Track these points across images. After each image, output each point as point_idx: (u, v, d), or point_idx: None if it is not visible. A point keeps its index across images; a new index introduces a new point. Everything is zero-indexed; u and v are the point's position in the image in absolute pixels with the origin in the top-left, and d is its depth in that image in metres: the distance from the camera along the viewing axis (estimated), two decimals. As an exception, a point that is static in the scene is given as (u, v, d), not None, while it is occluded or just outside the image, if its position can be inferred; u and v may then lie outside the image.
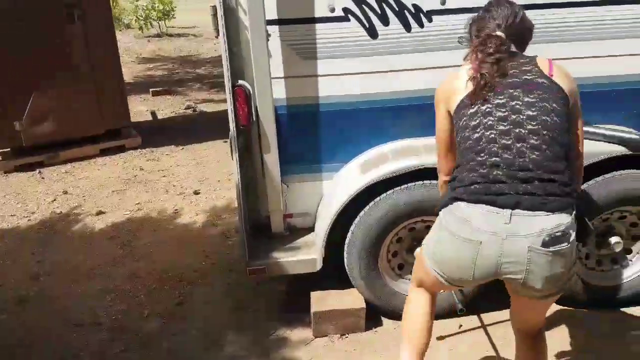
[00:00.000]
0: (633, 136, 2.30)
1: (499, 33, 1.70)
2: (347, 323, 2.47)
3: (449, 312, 2.45)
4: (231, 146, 2.34)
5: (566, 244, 1.46)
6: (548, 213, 1.47)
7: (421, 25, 2.27)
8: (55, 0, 4.19)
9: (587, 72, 2.37)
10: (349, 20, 2.25)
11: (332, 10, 2.22)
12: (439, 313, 2.42)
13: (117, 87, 4.60)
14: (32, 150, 4.40)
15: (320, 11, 2.22)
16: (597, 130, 2.38)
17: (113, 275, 2.99)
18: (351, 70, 2.33)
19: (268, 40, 2.19)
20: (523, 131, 1.55)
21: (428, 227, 2.22)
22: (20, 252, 3.25)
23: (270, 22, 2.19)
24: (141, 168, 4.38)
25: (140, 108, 5.93)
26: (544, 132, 1.54)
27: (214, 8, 2.28)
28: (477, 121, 1.60)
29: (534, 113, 1.56)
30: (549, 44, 2.30)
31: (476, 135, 1.59)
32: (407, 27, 2.27)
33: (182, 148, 4.77)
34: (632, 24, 2.32)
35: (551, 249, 1.45)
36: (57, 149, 4.45)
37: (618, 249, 2.52)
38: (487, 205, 1.51)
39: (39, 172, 4.33)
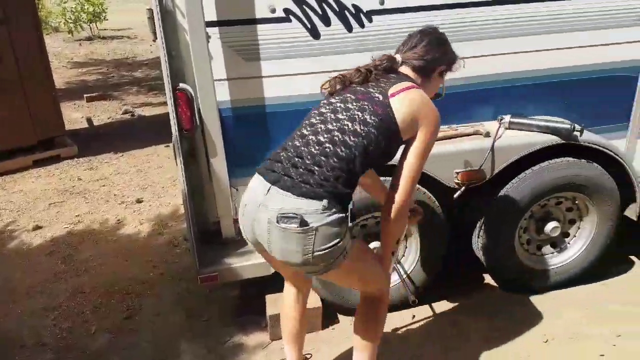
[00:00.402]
0: (565, 125, 2.44)
1: (395, 55, 1.87)
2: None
3: (403, 304, 2.51)
4: (174, 151, 2.28)
5: (295, 225, 1.56)
6: (295, 196, 1.60)
7: (362, 25, 2.30)
8: (-25, 4, 3.94)
9: (522, 67, 2.49)
10: (290, 21, 2.24)
11: (273, 11, 2.20)
12: (395, 304, 2.51)
13: (48, 94, 4.37)
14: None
15: (260, 12, 2.20)
16: (531, 122, 2.51)
17: (55, 292, 2.84)
18: (295, 71, 2.32)
19: (208, 42, 2.15)
20: (322, 127, 1.71)
21: (378, 222, 2.28)
22: (-51, 275, 3.02)
23: (210, 24, 2.14)
24: (79, 178, 4.19)
25: (74, 115, 5.67)
26: (336, 134, 1.67)
27: (150, 11, 2.20)
28: (310, 113, 1.81)
29: (342, 117, 1.71)
30: (483, 40, 2.41)
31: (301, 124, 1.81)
32: (349, 28, 2.30)
33: (122, 155, 4.60)
34: (558, 20, 2.47)
35: (281, 225, 1.59)
36: (-16, 162, 4.16)
37: (555, 233, 2.67)
38: (261, 176, 1.71)
39: (-34, 187, 4.04)
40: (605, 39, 2.52)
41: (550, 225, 2.64)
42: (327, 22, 2.27)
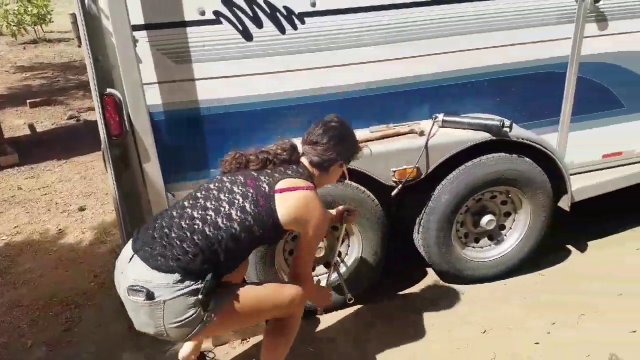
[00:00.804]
0: (494, 122, 2.51)
1: (297, 144, 1.97)
2: (246, 327, 2.46)
3: (342, 304, 2.53)
4: (104, 158, 2.23)
5: (142, 298, 1.62)
6: (149, 268, 1.65)
7: (294, 27, 2.30)
8: None
9: (456, 66, 2.55)
10: (221, 23, 2.22)
11: (202, 13, 2.18)
12: (337, 302, 2.53)
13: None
14: None
15: (189, 14, 2.17)
16: (463, 120, 2.57)
17: (-11, 307, 2.74)
18: (229, 73, 2.30)
19: (135, 46, 2.10)
20: (201, 204, 1.77)
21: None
22: None
23: (137, 28, 2.10)
24: (19, 187, 4.05)
25: (16, 122, 5.47)
26: (210, 213, 1.73)
27: (74, 15, 2.15)
28: (200, 186, 1.89)
29: (224, 198, 1.77)
30: (416, 41, 2.45)
31: None
32: (281, 29, 2.29)
33: (65, 162, 4.45)
34: (485, 20, 2.52)
35: (130, 297, 1.65)
36: None
37: (491, 226, 2.75)
38: (132, 241, 1.77)
39: None
40: (529, 37, 2.60)
41: (485, 219, 2.73)
42: (259, 24, 2.26)
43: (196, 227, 1.69)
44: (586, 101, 2.84)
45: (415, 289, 2.79)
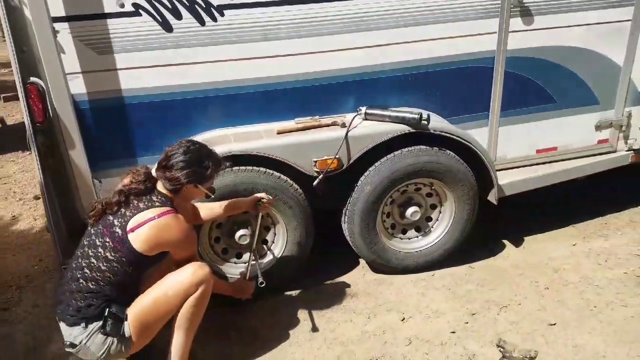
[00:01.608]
0: (412, 115, 2.58)
1: (151, 170, 2.09)
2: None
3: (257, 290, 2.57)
4: (29, 145, 2.33)
5: (71, 349, 1.98)
6: (66, 326, 1.97)
7: (214, 19, 2.39)
8: None
9: (381, 60, 2.62)
10: (140, 15, 2.31)
11: (122, 5, 2.27)
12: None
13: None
14: None
15: (109, 7, 2.26)
16: (384, 112, 2.64)
17: None
18: (151, 63, 2.39)
19: (56, 37, 2.20)
20: (79, 263, 1.99)
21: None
22: None
23: (57, 19, 2.20)
24: (-20, 176, 4.18)
25: (-16, 113, 5.61)
26: (86, 271, 1.96)
27: (-5, 7, 2.25)
28: (81, 242, 2.06)
29: (92, 253, 1.97)
30: (338, 35, 2.51)
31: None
32: (201, 21, 2.38)
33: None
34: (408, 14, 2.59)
35: (67, 350, 2.00)
36: None
37: (416, 217, 2.82)
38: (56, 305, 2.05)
39: None
40: (455, 32, 2.67)
41: (410, 210, 2.80)
42: (178, 15, 2.35)
43: (82, 285, 1.96)
44: (516, 96, 2.91)
45: (344, 277, 2.87)
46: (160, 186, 2.06)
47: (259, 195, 2.38)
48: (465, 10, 2.65)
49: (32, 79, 2.26)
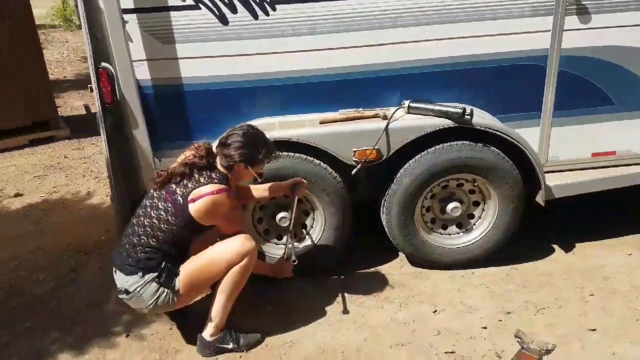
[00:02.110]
0: (456, 109, 2.59)
1: (213, 146, 2.30)
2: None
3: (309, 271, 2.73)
4: (98, 123, 2.60)
5: (125, 295, 2.22)
6: (123, 275, 2.21)
7: (266, 13, 2.54)
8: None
9: (429, 55, 2.64)
10: (200, 8, 2.50)
11: (184, -1, 2.49)
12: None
13: (42, 82, 4.86)
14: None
15: (173, 0, 2.49)
16: (427, 106, 2.67)
17: (20, 247, 3.25)
18: (208, 54, 2.58)
19: (124, 27, 2.45)
20: (142, 221, 2.22)
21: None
22: (-63, 229, 3.50)
23: (127, 11, 2.44)
24: (65, 156, 4.65)
25: (77, 103, 6.18)
26: (148, 229, 2.19)
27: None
28: (142, 202, 2.32)
29: (154, 214, 2.20)
30: (393, 29, 2.57)
31: None
32: (254, 15, 2.54)
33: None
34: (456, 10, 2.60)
35: (119, 296, 2.25)
36: (-13, 140, 4.70)
37: (456, 213, 2.82)
38: (113, 257, 2.32)
39: (-30, 160, 4.58)
40: (507, 29, 2.64)
41: (451, 206, 2.80)
42: (233, 9, 2.53)
43: (143, 240, 2.19)
44: (570, 96, 2.82)
45: (381, 267, 2.92)
46: (219, 165, 2.26)
47: (296, 179, 2.51)
48: (518, 7, 2.62)
49: (103, 64, 2.53)
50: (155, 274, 2.16)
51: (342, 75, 2.66)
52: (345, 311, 2.55)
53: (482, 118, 2.67)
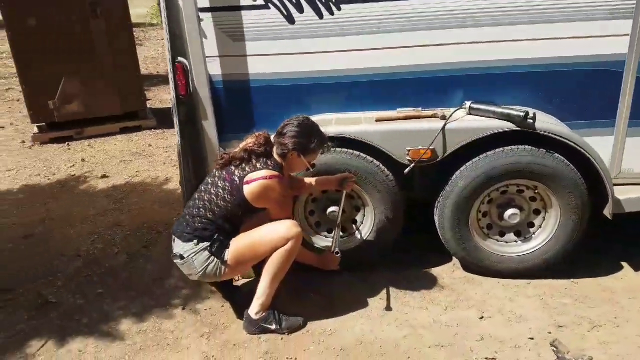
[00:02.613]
0: (518, 112, 2.53)
1: (271, 136, 2.44)
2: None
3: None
4: (172, 113, 2.83)
5: (179, 260, 2.41)
6: (181, 242, 2.41)
7: (331, 12, 2.63)
8: (81, -1, 4.95)
9: (495, 56, 2.61)
10: (269, 7, 2.64)
11: (255, -1, 2.65)
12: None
13: (133, 75, 5.30)
14: (64, 125, 5.19)
15: (245, 0, 2.66)
16: (488, 108, 2.62)
17: (100, 223, 3.59)
18: (274, 51, 2.71)
19: (200, 24, 2.65)
20: (203, 196, 2.42)
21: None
22: (35, 202, 3.96)
23: (203, 9, 2.64)
24: (150, 145, 5.05)
25: (165, 97, 6.66)
26: (206, 203, 2.39)
27: (158, -1, 2.77)
28: (206, 179, 2.53)
29: (213, 190, 2.40)
30: (459, 29, 2.56)
31: None
32: (319, 14, 2.64)
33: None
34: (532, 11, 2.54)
35: (174, 261, 2.45)
36: (83, 126, 5.22)
37: (514, 220, 2.73)
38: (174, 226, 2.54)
39: (68, 144, 5.12)
40: (581, 32, 2.54)
41: (508, 212, 2.72)
42: (300, 9, 2.64)
43: (202, 212, 2.39)
44: (649, 105, 2.65)
45: (432, 269, 2.91)
46: (275, 153, 2.40)
47: (344, 174, 2.59)
48: (595, 9, 2.51)
49: (180, 58, 2.74)
50: (208, 243, 2.34)
51: (402, 74, 2.68)
52: (388, 308, 2.57)
53: (546, 123, 2.58)
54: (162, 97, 6.60)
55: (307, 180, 2.66)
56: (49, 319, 2.62)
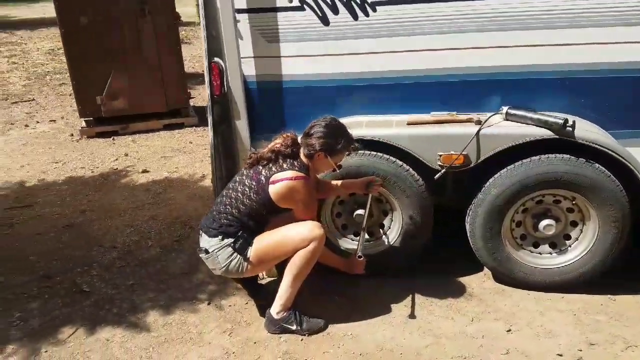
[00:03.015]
0: (556, 120, 2.43)
1: (298, 138, 2.46)
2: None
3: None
4: (207, 112, 2.88)
5: (204, 254, 2.47)
6: (207, 237, 2.46)
7: (366, 14, 2.61)
8: (130, -3, 5.12)
9: (537, 60, 2.52)
10: (304, 9, 2.65)
11: (291, 1, 2.64)
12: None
13: (178, 74, 5.44)
14: (110, 120, 5.39)
15: (281, 2, 2.64)
16: (526, 114, 2.54)
17: (138, 216, 3.71)
18: (308, 53, 2.72)
19: (236, 25, 2.69)
20: (230, 193, 2.47)
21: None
22: (77, 193, 4.13)
23: (240, 11, 2.67)
24: (190, 142, 5.17)
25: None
26: (233, 201, 2.43)
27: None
28: (235, 177, 2.58)
29: (240, 188, 2.45)
30: (496, 32, 2.49)
31: None
32: (354, 16, 2.63)
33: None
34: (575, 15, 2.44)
35: (200, 255, 2.51)
36: (128, 121, 5.41)
37: (549, 231, 2.63)
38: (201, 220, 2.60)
39: (113, 139, 5.31)
40: (627, 37, 2.41)
41: (543, 223, 2.63)
42: (335, 11, 2.63)
43: (227, 209, 2.44)
44: None
45: (462, 278, 2.84)
46: (302, 154, 2.42)
47: (370, 177, 2.58)
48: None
49: (215, 59, 2.79)
50: (232, 240, 2.39)
51: (438, 77, 2.63)
52: (412, 315, 2.53)
53: (586, 131, 2.47)
54: (205, 95, 6.72)
55: (334, 182, 2.66)
56: (82, 307, 2.73)
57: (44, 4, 20.38)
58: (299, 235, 2.35)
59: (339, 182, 2.64)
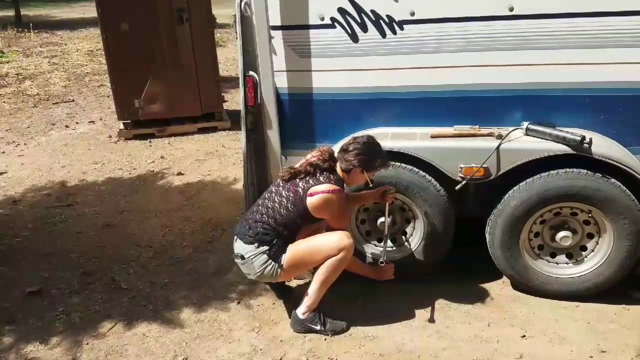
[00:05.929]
0: (574, 136, 2.53)
1: (334, 152, 2.65)
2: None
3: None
4: (241, 121, 3.06)
5: (240, 260, 2.62)
6: (243, 243, 2.59)
7: (394, 32, 2.75)
8: (168, 6, 5.36)
9: (560, 78, 2.62)
10: (335, 27, 2.81)
11: (322, 18, 2.80)
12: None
13: (213, 79, 5.67)
14: (147, 123, 5.65)
15: (313, 19, 2.81)
16: (545, 130, 2.64)
17: (173, 217, 3.93)
18: (337, 68, 2.87)
19: (271, 41, 2.86)
20: (267, 203, 2.63)
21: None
22: (116, 194, 4.38)
23: (274, 28, 2.85)
24: (223, 145, 5.39)
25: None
26: (270, 211, 2.59)
27: (234, 16, 3.02)
28: (270, 187, 2.75)
29: (277, 199, 2.60)
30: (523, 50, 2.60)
31: None
32: (383, 34, 2.77)
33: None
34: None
35: (235, 260, 2.66)
36: (165, 124, 5.66)
37: (566, 242, 2.73)
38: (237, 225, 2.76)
39: (150, 141, 5.58)
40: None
41: (560, 234, 2.73)
42: (364, 28, 2.78)
43: (265, 218, 2.59)
44: None
45: (481, 285, 2.95)
46: (338, 168, 2.59)
47: (383, 187, 2.74)
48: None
49: (250, 72, 2.98)
50: (268, 247, 2.54)
51: (461, 93, 2.76)
52: (431, 320, 2.66)
53: (602, 147, 2.56)
54: (238, 99, 6.94)
55: (355, 193, 2.84)
56: (120, 302, 2.94)
57: (83, 4, 21.15)
58: (330, 244, 2.52)
59: (357, 194, 2.82)
